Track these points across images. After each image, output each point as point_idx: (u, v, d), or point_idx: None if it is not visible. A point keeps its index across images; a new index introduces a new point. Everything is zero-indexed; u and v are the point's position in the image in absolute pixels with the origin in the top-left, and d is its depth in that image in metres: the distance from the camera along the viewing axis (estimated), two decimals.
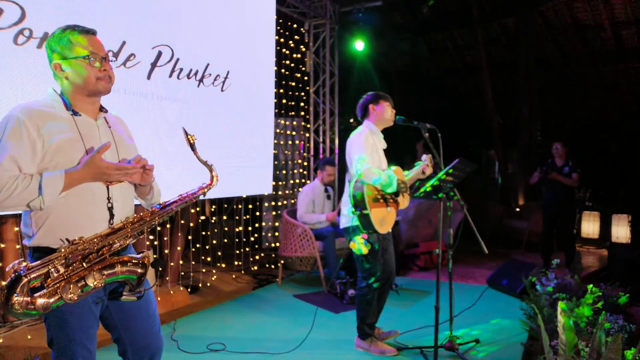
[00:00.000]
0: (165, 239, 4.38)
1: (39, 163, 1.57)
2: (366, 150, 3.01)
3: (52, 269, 1.48)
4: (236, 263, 5.52)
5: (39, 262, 1.47)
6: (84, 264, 1.53)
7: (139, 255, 1.64)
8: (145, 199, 1.88)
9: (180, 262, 4.60)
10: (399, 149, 3.42)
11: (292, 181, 6.65)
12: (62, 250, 1.51)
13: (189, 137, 1.76)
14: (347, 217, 3.13)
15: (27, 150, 1.54)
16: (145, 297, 1.72)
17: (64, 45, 1.65)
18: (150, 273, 1.79)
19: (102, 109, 1.77)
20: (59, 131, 1.60)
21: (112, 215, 1.67)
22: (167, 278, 4.35)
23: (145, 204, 1.89)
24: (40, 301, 1.44)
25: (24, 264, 1.46)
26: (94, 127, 1.71)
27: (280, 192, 6.45)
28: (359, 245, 3.02)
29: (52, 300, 1.46)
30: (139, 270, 1.63)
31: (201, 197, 1.84)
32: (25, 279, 1.43)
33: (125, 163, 1.69)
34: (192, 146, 1.76)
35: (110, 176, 1.61)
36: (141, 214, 1.70)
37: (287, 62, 6.23)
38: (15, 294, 1.41)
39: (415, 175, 3.23)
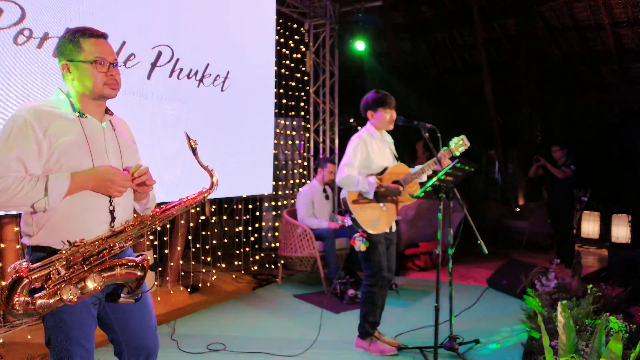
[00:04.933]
0: (165, 239, 4.39)
1: (44, 164, 1.58)
2: (351, 160, 3.11)
3: (53, 271, 1.48)
4: (236, 263, 5.52)
5: (40, 263, 1.48)
6: (84, 266, 1.54)
7: (138, 258, 1.65)
8: (140, 204, 1.88)
9: (180, 262, 4.60)
10: (399, 149, 3.42)
11: (292, 181, 6.65)
12: (64, 252, 1.51)
13: (191, 141, 1.76)
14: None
15: (34, 151, 1.55)
16: (142, 299, 1.72)
17: (72, 47, 1.65)
18: (150, 275, 1.79)
19: (107, 111, 1.78)
20: (65, 133, 1.60)
21: (113, 218, 1.68)
22: (167, 278, 4.35)
23: (140, 209, 1.90)
24: (40, 302, 1.45)
25: (25, 264, 1.46)
26: (100, 129, 1.72)
27: (280, 192, 6.45)
28: (358, 242, 3.06)
29: (51, 301, 1.47)
30: (138, 273, 1.64)
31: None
32: (27, 280, 1.44)
33: (126, 172, 1.70)
34: (194, 151, 1.76)
35: (112, 186, 1.62)
36: (142, 216, 1.70)
37: (287, 62, 6.23)
38: (16, 295, 1.42)
39: (423, 169, 3.22)
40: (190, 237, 4.67)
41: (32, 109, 1.58)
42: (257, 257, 5.84)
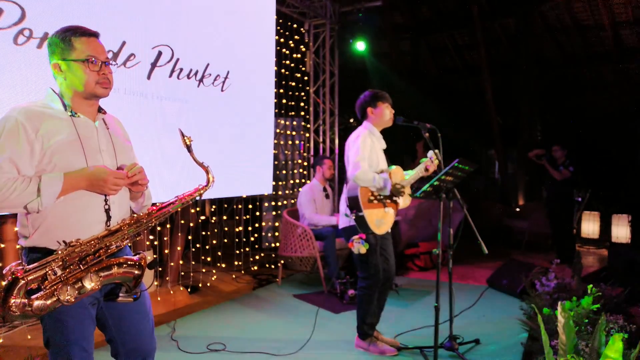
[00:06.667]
0: (165, 239, 4.38)
1: (37, 164, 1.57)
2: (363, 153, 3.04)
3: (50, 271, 1.48)
4: (236, 263, 5.52)
5: (36, 264, 1.47)
6: (81, 266, 1.53)
7: (135, 257, 1.64)
8: (137, 202, 1.87)
9: (180, 262, 4.60)
10: (399, 149, 3.42)
11: (292, 181, 6.65)
12: (60, 252, 1.51)
13: (185, 138, 1.76)
14: (346, 218, 3.15)
15: (26, 152, 1.54)
16: (139, 299, 1.72)
17: (64, 46, 1.63)
18: (148, 273, 1.79)
19: (100, 110, 1.77)
20: (57, 133, 1.60)
21: (109, 217, 1.68)
22: (167, 278, 4.35)
23: (136, 207, 1.89)
24: (37, 303, 1.45)
25: (22, 265, 1.46)
26: (93, 128, 1.71)
27: (280, 192, 6.45)
28: (357, 245, 3.03)
29: (49, 302, 1.47)
30: (136, 272, 1.64)
31: (197, 198, 1.84)
32: (23, 282, 1.43)
33: (122, 170, 1.69)
34: (189, 148, 1.76)
35: (105, 184, 1.61)
36: (138, 215, 1.70)
37: (287, 62, 6.23)
38: (13, 296, 1.41)
39: (417, 174, 3.22)
40: (190, 237, 4.67)
41: (23, 110, 1.58)
42: (257, 257, 5.84)
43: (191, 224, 4.65)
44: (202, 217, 5.26)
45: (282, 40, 6.02)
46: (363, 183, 3.01)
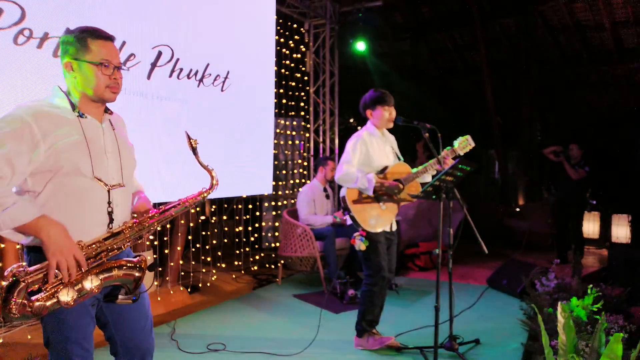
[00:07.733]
0: (165, 239, 4.39)
1: (41, 164, 1.55)
2: (350, 157, 3.12)
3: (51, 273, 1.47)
4: (236, 263, 5.52)
5: (37, 265, 1.47)
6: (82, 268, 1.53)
7: (136, 259, 1.64)
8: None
9: (180, 262, 4.60)
10: (399, 149, 3.43)
11: (292, 181, 6.65)
12: None
13: (191, 141, 1.76)
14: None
15: (26, 152, 1.51)
16: (138, 299, 1.72)
17: (79, 46, 1.62)
18: (148, 275, 1.79)
19: (107, 110, 1.77)
20: (64, 134, 1.58)
21: (111, 220, 1.67)
22: (167, 278, 4.35)
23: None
24: (37, 304, 1.45)
25: (23, 266, 1.46)
26: (99, 130, 1.70)
27: (280, 192, 6.45)
28: (358, 242, 3.07)
29: (49, 303, 1.47)
30: (136, 274, 1.64)
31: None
32: (23, 284, 1.43)
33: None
34: (194, 150, 1.76)
35: (61, 256, 1.48)
36: (140, 218, 1.70)
37: (287, 62, 6.23)
38: (13, 298, 1.41)
39: (425, 169, 3.23)
40: (190, 237, 4.67)
41: (31, 109, 1.56)
42: (257, 257, 5.84)
43: (191, 224, 4.65)
44: (202, 217, 5.26)
45: (282, 40, 6.03)
46: (346, 184, 3.11)
